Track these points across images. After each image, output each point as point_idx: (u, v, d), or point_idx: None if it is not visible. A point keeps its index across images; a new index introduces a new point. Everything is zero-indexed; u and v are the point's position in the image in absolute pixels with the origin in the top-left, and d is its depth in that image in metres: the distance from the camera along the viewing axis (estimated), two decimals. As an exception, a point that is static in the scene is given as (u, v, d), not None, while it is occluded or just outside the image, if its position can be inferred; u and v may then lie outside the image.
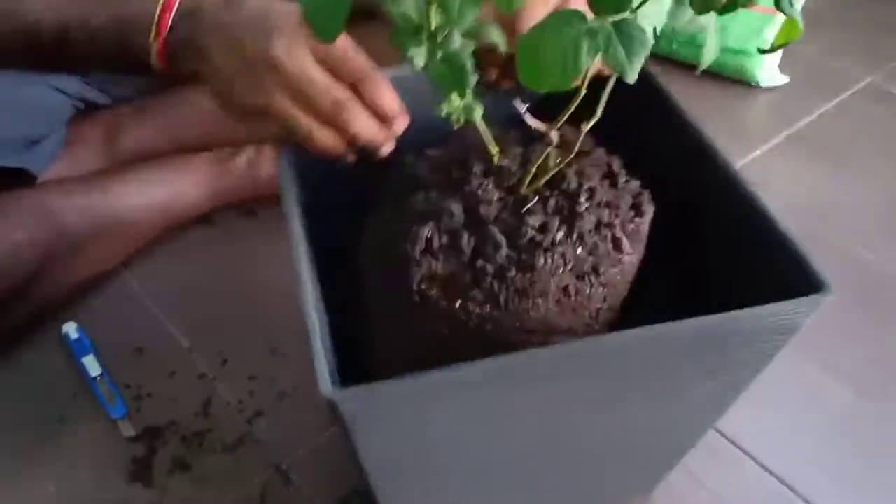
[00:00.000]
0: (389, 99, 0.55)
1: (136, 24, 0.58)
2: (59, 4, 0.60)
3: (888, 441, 0.75)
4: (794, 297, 0.49)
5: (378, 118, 0.55)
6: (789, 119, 1.12)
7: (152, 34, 0.58)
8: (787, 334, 0.52)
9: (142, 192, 0.88)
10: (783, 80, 1.17)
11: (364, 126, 0.54)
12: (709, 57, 0.51)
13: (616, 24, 0.38)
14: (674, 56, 1.16)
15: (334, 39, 0.46)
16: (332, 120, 0.54)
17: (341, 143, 0.55)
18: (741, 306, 0.48)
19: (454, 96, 0.49)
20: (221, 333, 0.83)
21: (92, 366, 0.79)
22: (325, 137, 0.55)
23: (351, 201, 0.58)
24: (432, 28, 0.45)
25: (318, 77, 0.53)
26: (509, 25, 0.56)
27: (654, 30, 0.41)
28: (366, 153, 0.56)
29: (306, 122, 0.54)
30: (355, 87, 0.54)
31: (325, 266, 0.56)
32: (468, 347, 0.50)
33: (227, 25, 0.56)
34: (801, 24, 0.39)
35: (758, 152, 1.06)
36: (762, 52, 0.42)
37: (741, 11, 0.44)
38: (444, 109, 0.49)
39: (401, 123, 0.56)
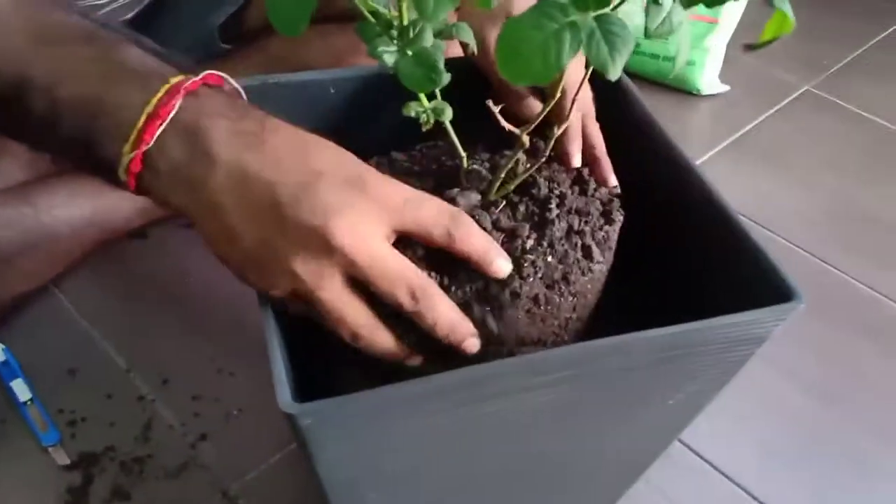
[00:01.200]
0: (482, 239, 0.45)
1: (112, 117, 0.44)
2: (24, 54, 0.45)
3: (846, 446, 0.75)
4: (763, 306, 0.48)
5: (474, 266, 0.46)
6: (731, 126, 1.13)
7: (128, 142, 0.43)
8: (756, 344, 0.52)
9: (72, 204, 0.83)
10: (724, 88, 1.18)
11: (445, 315, 0.44)
12: (682, 60, 0.50)
13: (598, 20, 0.36)
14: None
15: (298, 34, 0.43)
16: (404, 310, 0.44)
17: (396, 345, 0.46)
18: (709, 315, 0.47)
19: (423, 96, 0.47)
20: (161, 352, 0.79)
21: (21, 390, 0.74)
22: (385, 338, 0.45)
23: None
24: (404, 23, 0.43)
25: (393, 263, 0.43)
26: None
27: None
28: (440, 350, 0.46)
29: (365, 318, 0.44)
30: (442, 237, 0.45)
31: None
32: (434, 359, 0.48)
33: (253, 175, 0.42)
34: (792, 18, 0.37)
35: (702, 159, 1.07)
36: (751, 47, 0.41)
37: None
38: (413, 110, 0.47)
39: (504, 267, 0.46)
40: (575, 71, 0.47)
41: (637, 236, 0.55)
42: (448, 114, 0.47)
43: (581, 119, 0.57)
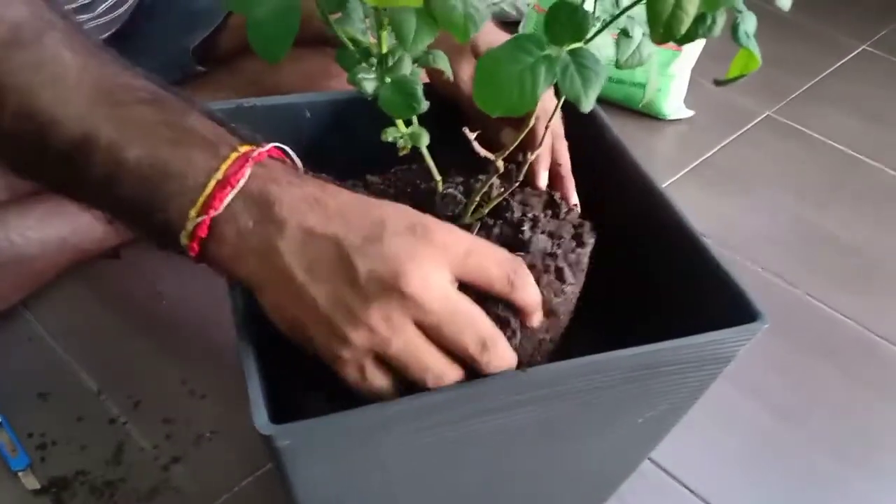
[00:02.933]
0: (535, 291, 0.47)
1: (179, 182, 0.43)
2: (91, 114, 0.44)
3: (808, 461, 0.77)
4: (728, 326, 0.50)
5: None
6: (696, 151, 1.16)
7: (196, 207, 0.43)
8: (723, 363, 0.53)
9: (43, 225, 0.83)
10: (688, 113, 1.21)
11: (507, 358, 0.45)
12: (652, 89, 0.52)
13: (572, 53, 0.38)
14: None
15: (279, 60, 0.44)
16: (471, 357, 0.44)
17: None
18: (677, 335, 0.49)
19: (400, 122, 0.48)
20: (132, 374, 0.78)
21: (-11, 413, 0.73)
22: (456, 375, 0.45)
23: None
24: (383, 52, 0.44)
25: (464, 309, 0.43)
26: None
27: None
28: None
29: (436, 362, 0.44)
30: (503, 285, 0.45)
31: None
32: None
33: (319, 233, 0.43)
34: (758, 56, 0.39)
35: (668, 183, 1.09)
36: (718, 83, 0.43)
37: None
38: (391, 135, 0.48)
39: (538, 319, 0.48)
40: (547, 98, 0.49)
41: (607, 258, 0.56)
42: (425, 140, 0.49)
43: (550, 138, 0.59)
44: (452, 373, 0.44)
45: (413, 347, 0.43)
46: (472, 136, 0.46)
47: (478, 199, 0.51)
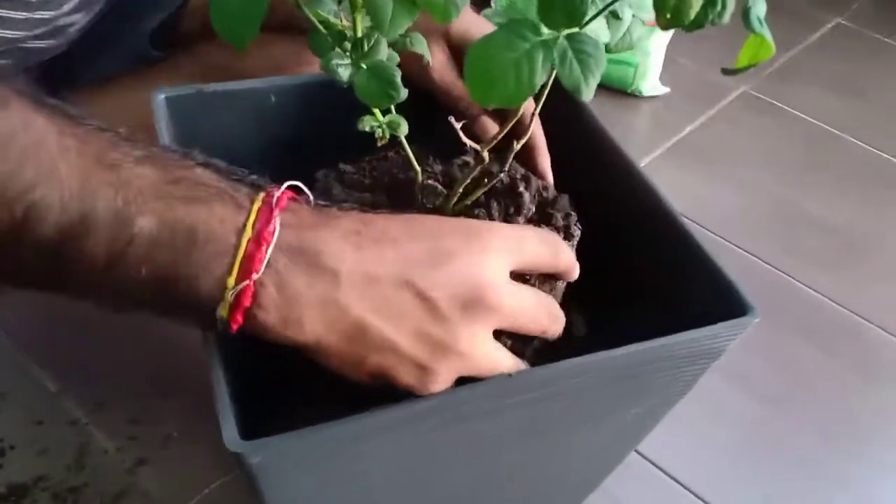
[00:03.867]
0: (571, 253, 0.48)
1: (207, 247, 0.37)
2: (85, 186, 0.36)
3: (795, 448, 0.76)
4: (718, 319, 0.48)
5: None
6: (673, 128, 1.14)
7: (233, 274, 0.37)
8: (713, 357, 0.51)
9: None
10: (664, 90, 1.19)
11: (561, 327, 0.46)
12: (642, 78, 0.49)
13: (570, 38, 0.35)
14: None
15: (245, 46, 0.40)
16: (540, 334, 0.45)
17: None
18: (666, 328, 0.47)
19: (377, 110, 0.45)
20: (94, 373, 0.75)
21: (-59, 418, 0.69)
22: (522, 365, 0.44)
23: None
24: (358, 36, 0.41)
25: (531, 300, 0.43)
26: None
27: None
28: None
29: (508, 365, 0.43)
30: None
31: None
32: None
33: (382, 275, 0.39)
34: (771, 43, 0.37)
35: (644, 162, 1.07)
36: (726, 73, 0.40)
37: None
38: (368, 124, 0.45)
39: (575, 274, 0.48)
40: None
41: (589, 245, 0.54)
42: (404, 129, 0.45)
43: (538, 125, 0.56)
44: (519, 366, 0.44)
45: (495, 359, 0.42)
46: (457, 125, 0.43)
47: (460, 190, 0.48)
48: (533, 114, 0.46)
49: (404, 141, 0.47)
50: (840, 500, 0.73)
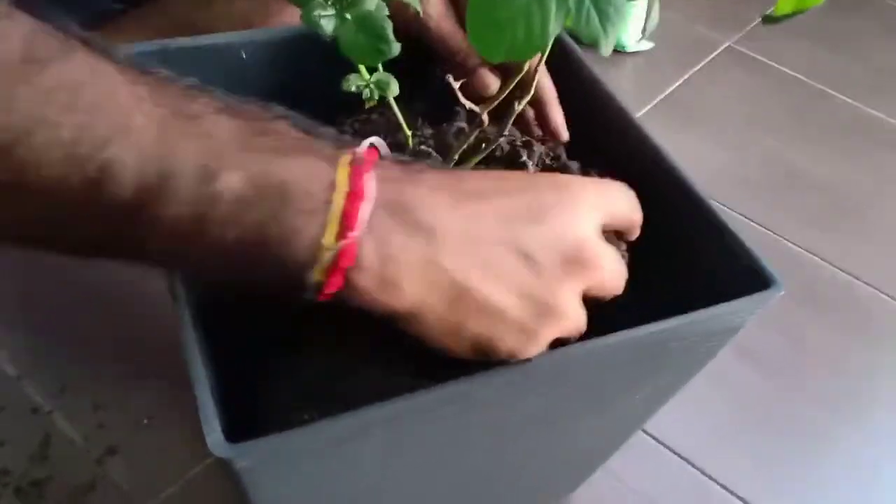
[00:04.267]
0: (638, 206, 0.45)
1: (300, 203, 0.33)
2: (163, 140, 0.32)
3: (800, 420, 0.74)
4: (738, 293, 0.45)
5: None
6: (659, 85, 1.10)
7: (331, 230, 0.33)
8: (732, 333, 0.48)
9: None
10: (648, 45, 1.15)
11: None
12: (650, 25, 0.45)
13: (586, -17, 0.31)
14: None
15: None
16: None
17: None
18: (681, 302, 0.43)
19: (363, 68, 0.40)
20: (57, 356, 0.70)
21: None
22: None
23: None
24: (341, -17, 0.36)
25: (617, 257, 0.41)
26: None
27: None
28: None
29: (585, 324, 0.40)
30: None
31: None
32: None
33: (484, 232, 0.36)
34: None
35: (630, 120, 1.03)
36: (766, 20, 0.36)
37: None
38: (354, 84, 0.40)
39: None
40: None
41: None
42: (394, 89, 0.41)
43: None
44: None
45: (583, 319, 0.39)
46: (456, 84, 0.38)
47: (456, 157, 0.44)
48: (536, 67, 0.41)
49: (393, 103, 0.43)
50: (838, 461, 0.71)
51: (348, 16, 0.36)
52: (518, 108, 0.42)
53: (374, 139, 0.37)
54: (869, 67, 1.18)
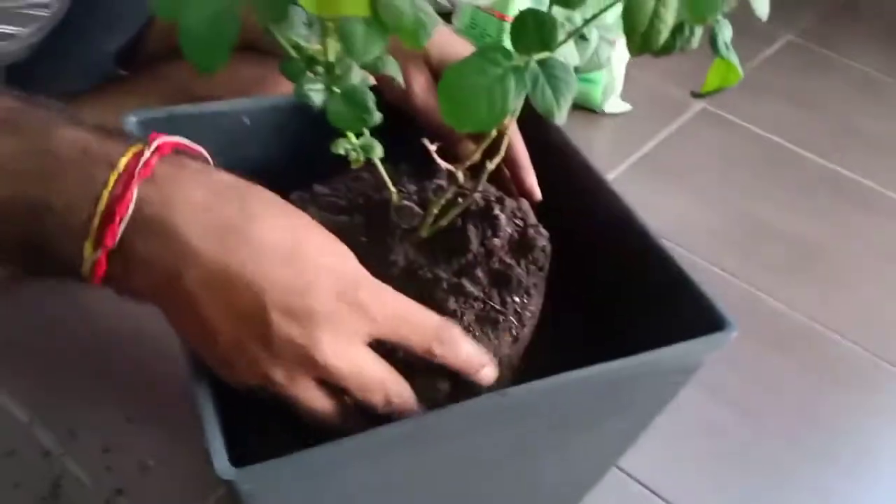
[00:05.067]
0: (471, 353, 0.45)
1: (63, 219, 0.40)
2: None
3: (770, 459, 0.78)
4: (694, 334, 0.49)
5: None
6: (634, 145, 1.16)
7: (89, 242, 0.39)
8: (690, 372, 0.53)
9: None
10: (626, 107, 1.21)
11: (410, 407, 0.44)
12: (609, 96, 0.50)
13: (541, 63, 0.36)
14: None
15: (215, 71, 0.41)
16: (376, 411, 0.44)
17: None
18: (645, 345, 0.48)
19: (351, 133, 0.45)
20: (66, 402, 0.74)
21: None
22: (357, 422, 0.44)
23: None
24: (330, 60, 0.42)
25: (375, 373, 0.42)
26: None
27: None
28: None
29: (331, 412, 0.43)
30: (425, 352, 0.44)
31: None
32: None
33: (236, 278, 0.40)
34: (738, 68, 0.38)
35: (609, 177, 1.08)
36: (695, 95, 0.41)
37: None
38: (342, 147, 0.45)
39: (489, 374, 0.46)
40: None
41: (565, 267, 0.55)
42: (378, 151, 0.46)
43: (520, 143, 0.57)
44: (349, 420, 0.44)
45: (308, 400, 0.42)
46: (432, 147, 0.44)
47: (436, 211, 0.49)
48: (504, 134, 0.47)
49: (379, 163, 0.48)
50: (805, 500, 0.74)
51: (336, 89, 0.42)
52: (490, 167, 0.48)
53: (178, 139, 0.43)
54: (835, 126, 1.24)
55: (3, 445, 0.70)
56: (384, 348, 0.43)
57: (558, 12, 0.39)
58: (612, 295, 0.59)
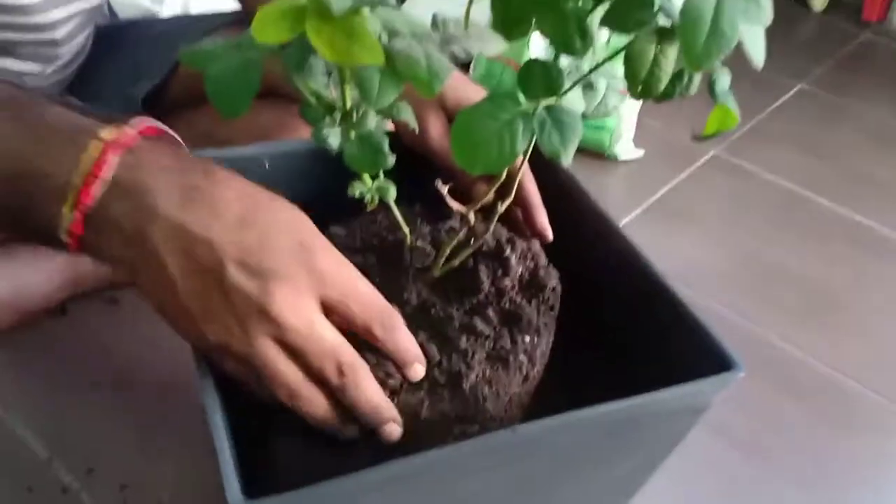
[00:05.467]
0: (407, 343, 0.47)
1: (46, 182, 0.44)
2: None
3: (777, 500, 0.77)
4: (702, 374, 0.50)
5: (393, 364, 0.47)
6: (647, 190, 1.18)
7: (67, 205, 0.44)
8: (699, 412, 0.53)
9: (-13, 283, 0.79)
10: (638, 153, 1.23)
11: (366, 397, 0.45)
12: (617, 142, 0.52)
13: (548, 109, 0.38)
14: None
15: (238, 116, 0.43)
16: (330, 383, 0.45)
17: (331, 411, 0.45)
18: (654, 385, 0.48)
19: (366, 175, 0.47)
20: (84, 438, 0.75)
21: (-70, 487, 0.69)
22: (316, 401, 0.45)
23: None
24: (347, 107, 0.43)
25: (327, 335, 0.44)
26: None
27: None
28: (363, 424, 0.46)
29: (295, 379, 0.44)
30: (362, 334, 0.46)
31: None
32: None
33: (197, 234, 0.43)
34: (736, 113, 0.40)
35: (622, 222, 1.10)
36: (696, 139, 0.43)
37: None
38: (357, 190, 0.47)
39: (418, 371, 0.47)
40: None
41: (572, 305, 0.56)
42: (392, 193, 0.48)
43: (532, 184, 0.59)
44: (307, 391, 0.45)
45: (268, 357, 0.43)
46: (444, 189, 0.45)
47: (448, 252, 0.51)
48: (516, 176, 0.49)
49: (393, 205, 0.50)
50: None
51: (352, 134, 0.44)
52: (500, 208, 0.49)
53: (157, 123, 0.46)
54: (847, 173, 1.26)
55: (22, 481, 0.71)
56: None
57: (567, 61, 0.41)
58: (620, 335, 0.60)
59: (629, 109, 1.19)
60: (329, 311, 0.45)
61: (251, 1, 0.88)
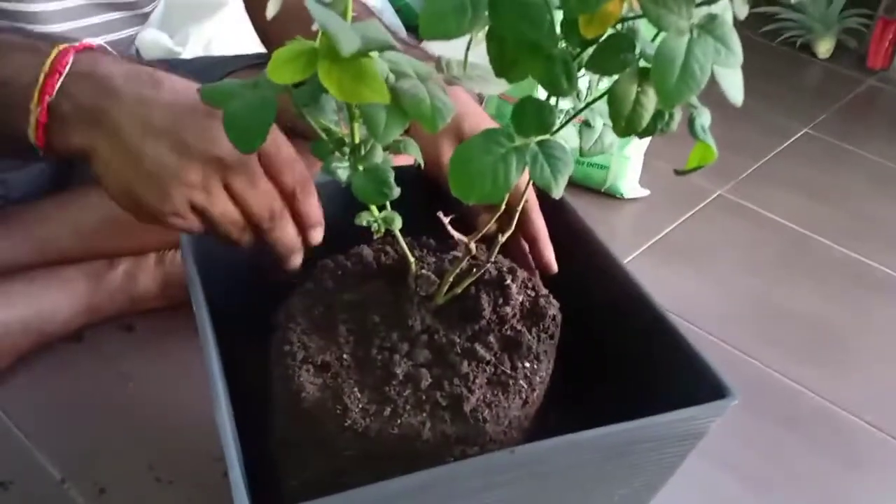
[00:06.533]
0: (317, 209, 0.55)
1: (14, 85, 0.50)
2: None
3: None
4: (700, 402, 0.51)
5: (299, 226, 0.54)
6: (652, 229, 1.20)
7: (33, 99, 0.49)
8: (696, 438, 0.54)
9: (5, 308, 0.82)
10: (644, 192, 1.25)
11: (288, 237, 0.54)
12: (612, 178, 0.54)
13: (540, 144, 0.40)
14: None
15: (254, 150, 0.46)
16: (260, 225, 0.53)
17: (252, 240, 0.54)
18: (648, 412, 0.50)
19: (374, 207, 0.50)
20: (98, 461, 0.77)
21: (-52, 505, 0.71)
22: (244, 238, 0.53)
23: (257, 303, 0.56)
24: (356, 142, 0.46)
25: (263, 184, 0.51)
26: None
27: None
28: (275, 257, 0.55)
29: (234, 222, 0.52)
30: (287, 193, 0.53)
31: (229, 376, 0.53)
32: (384, 462, 0.49)
33: (153, 102, 0.49)
34: (714, 149, 0.42)
35: (627, 259, 1.12)
36: (678, 173, 0.45)
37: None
38: (365, 220, 0.50)
39: (319, 234, 0.55)
40: (520, 182, 0.51)
41: (574, 335, 0.58)
42: (398, 223, 0.50)
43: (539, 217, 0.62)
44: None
45: (221, 205, 0.51)
46: (446, 219, 0.48)
47: (451, 279, 0.53)
48: (516, 209, 0.51)
49: (399, 235, 0.52)
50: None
51: (360, 167, 0.46)
52: (501, 239, 0.52)
53: (101, 43, 0.54)
54: (850, 214, 1.28)
55: (36, 501, 0.73)
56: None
57: (567, 102, 0.43)
58: (619, 363, 0.62)
59: (636, 150, 1.22)
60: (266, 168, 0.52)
61: (276, 43, 0.91)
